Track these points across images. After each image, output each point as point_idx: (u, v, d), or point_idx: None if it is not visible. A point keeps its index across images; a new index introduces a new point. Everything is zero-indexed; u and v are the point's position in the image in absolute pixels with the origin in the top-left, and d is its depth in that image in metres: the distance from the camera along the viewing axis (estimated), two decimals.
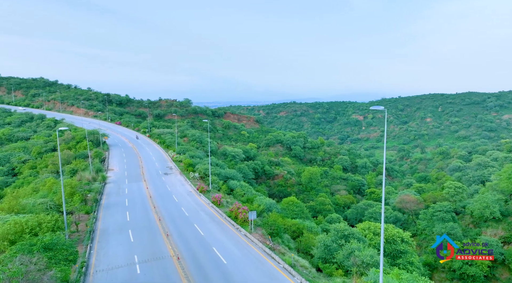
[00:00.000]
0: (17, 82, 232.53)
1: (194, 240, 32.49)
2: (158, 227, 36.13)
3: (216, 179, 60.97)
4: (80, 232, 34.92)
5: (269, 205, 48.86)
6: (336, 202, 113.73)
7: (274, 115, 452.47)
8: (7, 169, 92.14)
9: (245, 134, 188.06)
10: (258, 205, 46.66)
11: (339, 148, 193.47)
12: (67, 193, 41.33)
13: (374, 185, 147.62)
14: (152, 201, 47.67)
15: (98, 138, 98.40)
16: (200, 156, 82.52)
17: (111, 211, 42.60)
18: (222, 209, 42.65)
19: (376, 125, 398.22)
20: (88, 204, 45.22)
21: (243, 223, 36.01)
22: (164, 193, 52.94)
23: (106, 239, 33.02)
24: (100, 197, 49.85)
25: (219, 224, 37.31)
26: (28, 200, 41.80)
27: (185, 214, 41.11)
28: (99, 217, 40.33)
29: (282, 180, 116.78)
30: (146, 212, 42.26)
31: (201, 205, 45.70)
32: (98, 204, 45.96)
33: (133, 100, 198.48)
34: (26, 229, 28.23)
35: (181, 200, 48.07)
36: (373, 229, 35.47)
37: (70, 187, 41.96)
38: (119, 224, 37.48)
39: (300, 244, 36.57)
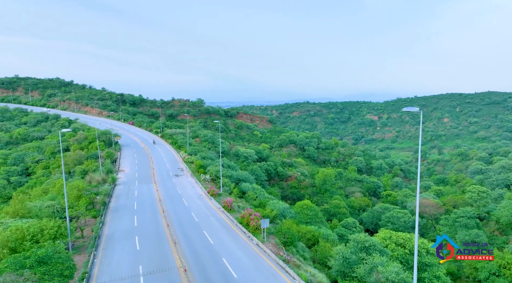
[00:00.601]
0: (34, 82, 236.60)
1: (203, 249, 30.59)
2: (166, 234, 34.40)
3: (227, 182, 59.11)
4: (85, 238, 33.49)
5: (282, 210, 46.63)
6: (351, 205, 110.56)
7: (287, 115, 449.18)
8: (21, 169, 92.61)
9: (258, 134, 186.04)
10: (271, 210, 44.52)
11: (353, 149, 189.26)
12: (74, 196, 40.09)
13: (390, 187, 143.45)
14: (162, 204, 46.10)
15: (110, 139, 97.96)
16: (212, 157, 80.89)
17: (119, 215, 41.17)
18: (233, 215, 40.66)
19: (391, 125, 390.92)
20: (96, 207, 43.95)
21: (255, 230, 33.95)
22: (174, 195, 51.36)
23: (112, 246, 31.47)
24: (108, 199, 48.57)
25: (230, 232, 35.33)
26: (35, 203, 40.74)
27: (194, 220, 39.31)
28: (106, 221, 38.92)
29: (296, 181, 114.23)
30: (154, 216, 40.65)
31: (211, 209, 43.85)
32: (106, 207, 44.63)
33: (147, 100, 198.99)
34: (27, 236, 26.83)
35: (191, 204, 46.34)
36: (394, 239, 32.88)
37: (78, 190, 40.71)
38: (126, 230, 35.94)
39: (316, 254, 34.29)
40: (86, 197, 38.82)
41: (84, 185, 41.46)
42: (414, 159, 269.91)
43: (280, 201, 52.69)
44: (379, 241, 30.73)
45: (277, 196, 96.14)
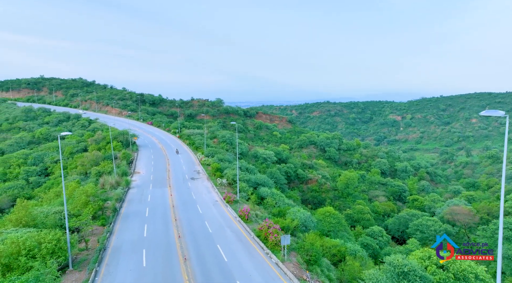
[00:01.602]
0: (58, 82, 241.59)
1: (216, 268, 27.29)
2: (176, 247, 31.35)
3: (245, 186, 55.76)
4: (89, 250, 30.89)
5: (304, 219, 42.81)
6: (374, 210, 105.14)
7: (307, 115, 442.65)
8: (40, 169, 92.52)
9: (277, 134, 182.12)
10: (291, 219, 40.82)
11: (376, 150, 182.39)
12: (81, 202, 37.73)
13: (416, 191, 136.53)
14: (175, 211, 43.25)
15: (127, 139, 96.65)
16: (230, 159, 77.83)
17: (129, 223, 38.55)
18: (250, 226, 37.24)
19: (415, 126, 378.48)
20: (106, 213, 41.56)
21: (274, 246, 30.41)
22: (188, 201, 48.48)
23: (117, 261, 28.68)
24: (120, 204, 46.20)
25: (246, 246, 31.89)
26: (42, 209, 38.64)
27: (208, 230, 36.14)
28: (115, 230, 36.34)
29: (316, 184, 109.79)
30: (166, 225, 37.76)
31: (227, 219, 40.57)
32: (117, 213, 42.18)
33: (166, 100, 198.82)
34: (23, 251, 24.35)
35: (206, 212, 43.25)
36: (435, 260, 28.61)
37: (86, 195, 38.31)
38: (134, 241, 33.17)
39: (343, 274, 30.40)
40: (92, 205, 36.34)
41: (92, 190, 39.01)
42: (440, 161, 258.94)
43: (301, 208, 48.81)
44: (418, 264, 26.52)
45: (297, 200, 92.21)
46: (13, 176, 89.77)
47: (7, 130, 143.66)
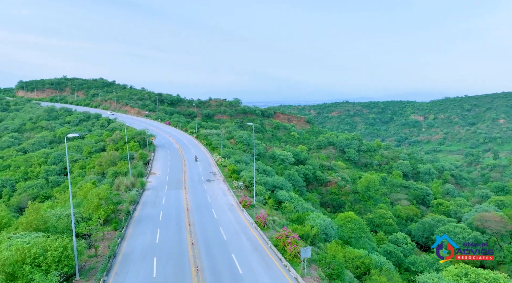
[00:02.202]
0: (79, 83, 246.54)
1: (230, 281, 25.36)
2: (189, 256, 29.64)
3: (262, 189, 53.74)
4: (99, 257, 29.61)
5: (324, 226, 40.43)
6: (397, 214, 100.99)
7: (325, 115, 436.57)
8: (59, 168, 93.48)
9: (295, 135, 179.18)
10: (310, 226, 38.51)
11: (398, 151, 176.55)
12: (94, 205, 36.64)
13: (441, 195, 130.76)
14: (189, 215, 41.68)
15: (145, 139, 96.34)
16: (247, 160, 75.99)
17: (141, 228, 37.21)
18: (268, 233, 35.16)
19: (438, 127, 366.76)
20: (119, 216, 40.44)
21: (293, 258, 28.25)
22: (203, 204, 46.88)
23: (126, 270, 27.22)
24: (134, 207, 45.05)
25: (263, 257, 29.83)
26: (55, 211, 37.83)
27: (223, 238, 34.31)
28: (127, 235, 35.05)
29: (336, 187, 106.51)
30: (179, 231, 36.20)
31: (243, 225, 38.63)
32: (130, 217, 40.98)
33: (184, 100, 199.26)
34: (28, 259, 23.18)
35: (221, 217, 41.47)
36: (473, 278, 25.68)
37: (98, 198, 37.20)
38: (146, 247, 31.72)
39: None
40: (104, 208, 35.14)
41: (105, 193, 37.87)
42: (465, 164, 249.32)
43: (320, 214, 46.39)
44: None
45: (316, 203, 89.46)
46: (34, 175, 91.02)
47: (31, 129, 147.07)
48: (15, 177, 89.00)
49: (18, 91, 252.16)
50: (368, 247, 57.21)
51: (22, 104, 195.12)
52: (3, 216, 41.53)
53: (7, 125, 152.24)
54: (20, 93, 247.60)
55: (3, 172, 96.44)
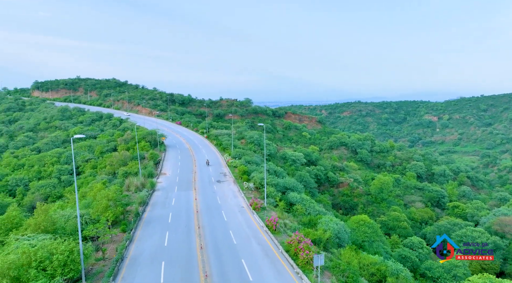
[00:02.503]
0: (92, 83, 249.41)
1: None
2: (198, 261, 28.82)
3: (273, 191, 52.69)
4: (106, 260, 29.03)
5: (337, 230, 39.14)
6: (411, 217, 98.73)
7: (337, 115, 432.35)
8: (71, 168, 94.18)
9: (307, 135, 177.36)
10: (323, 230, 37.30)
11: (412, 152, 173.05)
12: (102, 207, 36.19)
13: (456, 197, 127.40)
14: (198, 217, 40.93)
15: (155, 139, 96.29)
16: (257, 161, 75.01)
17: (150, 230, 36.62)
18: (279, 238, 34.10)
19: (453, 127, 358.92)
20: (128, 218, 39.92)
21: (306, 265, 27.11)
22: (213, 206, 46.10)
23: (133, 274, 26.55)
24: (143, 208, 44.57)
25: (274, 263, 28.78)
26: (64, 212, 37.54)
27: (233, 241, 33.39)
28: (135, 237, 34.46)
29: (348, 188, 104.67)
30: (188, 234, 35.45)
31: (253, 228, 37.65)
32: (139, 218, 40.46)
33: (195, 100, 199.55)
34: (34, 262, 22.67)
35: (231, 219, 40.59)
36: None
37: (107, 199, 36.72)
38: (154, 251, 31.05)
39: None
40: (113, 210, 34.59)
41: (113, 194, 37.37)
42: (481, 165, 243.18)
43: (333, 217, 45.12)
44: None
45: (328, 204, 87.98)
46: (47, 174, 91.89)
47: (45, 129, 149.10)
48: (28, 176, 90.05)
49: (33, 91, 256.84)
50: (382, 251, 55.60)
51: (37, 104, 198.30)
52: (15, 216, 41.40)
53: (22, 125, 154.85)
54: (35, 93, 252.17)
55: (17, 171, 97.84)
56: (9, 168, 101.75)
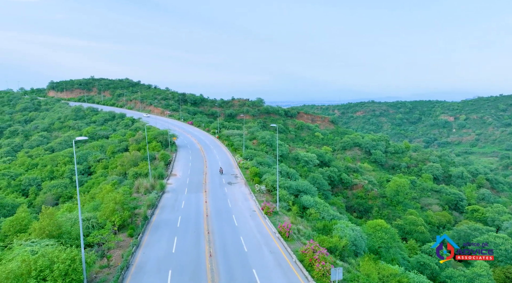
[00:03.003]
0: (106, 83, 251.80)
1: None
2: (206, 269, 27.30)
3: (285, 194, 50.91)
4: (111, 267, 27.77)
5: (354, 237, 37.14)
6: (428, 220, 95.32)
7: (350, 115, 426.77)
8: (83, 168, 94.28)
9: (319, 135, 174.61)
10: (339, 237, 35.39)
11: (428, 153, 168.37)
12: (109, 210, 35.07)
13: (475, 200, 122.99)
14: (208, 222, 39.49)
15: (166, 139, 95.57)
16: (269, 162, 73.26)
17: (158, 235, 35.34)
18: (292, 245, 32.33)
19: (470, 127, 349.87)
20: (137, 221, 38.77)
21: (322, 277, 25.26)
22: (223, 210, 44.62)
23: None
24: (152, 211, 43.40)
25: (287, 275, 27.00)
26: (71, 215, 36.61)
27: (243, 249, 31.78)
28: (142, 243, 33.21)
29: (362, 190, 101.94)
30: (197, 239, 34.03)
31: (265, 234, 35.95)
32: (148, 222, 39.27)
33: (207, 100, 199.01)
34: (33, 271, 21.51)
35: (242, 224, 38.99)
36: None
37: (114, 202, 35.57)
38: (161, 258, 29.70)
39: None
40: (119, 214, 33.35)
41: (121, 197, 36.19)
42: (500, 167, 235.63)
43: (348, 222, 43.08)
44: None
45: (341, 207, 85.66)
46: (59, 174, 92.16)
47: (59, 129, 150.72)
48: (41, 176, 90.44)
49: (49, 91, 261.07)
50: (399, 258, 53.24)
51: (52, 104, 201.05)
52: (23, 218, 40.79)
53: (37, 124, 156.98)
54: (51, 93, 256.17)
55: (31, 171, 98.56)
56: (23, 167, 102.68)
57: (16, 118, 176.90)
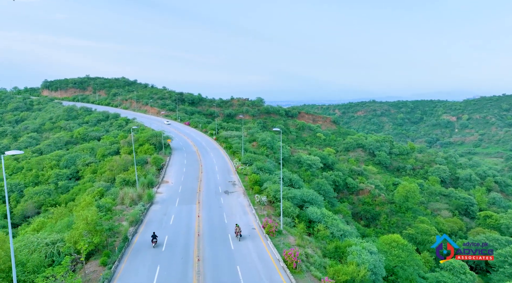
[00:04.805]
0: (101, 82, 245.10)
1: None
2: None
3: (289, 206, 44.75)
4: None
5: (373, 263, 31.05)
6: (439, 228, 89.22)
7: (351, 114, 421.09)
8: (71, 172, 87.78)
9: (321, 136, 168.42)
10: (355, 265, 29.32)
11: (434, 155, 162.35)
12: (79, 233, 28.81)
13: (486, 205, 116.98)
14: (199, 244, 33.34)
15: (160, 141, 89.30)
16: (270, 168, 67.01)
17: (138, 263, 29.18)
18: (301, 281, 26.19)
19: (473, 127, 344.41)
20: (115, 243, 32.59)
21: None
22: (218, 227, 38.46)
23: None
24: (135, 229, 37.21)
25: None
26: (34, 238, 30.38)
27: None
28: (116, 275, 27.02)
29: (369, 196, 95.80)
30: (184, 269, 27.89)
31: (267, 263, 29.72)
32: (128, 243, 33.13)
33: (205, 99, 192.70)
34: None
35: (239, 247, 32.82)
36: None
37: (86, 223, 29.32)
38: None
39: None
40: (86, 241, 26.97)
41: (94, 217, 29.93)
42: (506, 168, 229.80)
43: (363, 242, 36.96)
44: None
45: (348, 215, 79.57)
46: (44, 179, 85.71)
47: (50, 129, 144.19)
48: (24, 181, 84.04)
49: (43, 91, 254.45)
50: (416, 279, 47.21)
51: (45, 103, 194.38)
52: None
53: (27, 125, 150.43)
54: (45, 92, 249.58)
55: (15, 175, 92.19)
56: (7, 171, 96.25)
57: (7, 118, 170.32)
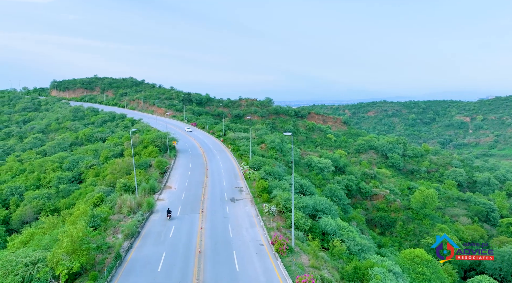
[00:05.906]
0: (109, 82, 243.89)
1: None
2: None
3: (301, 218, 40.57)
4: None
5: None
6: (459, 236, 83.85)
7: (361, 115, 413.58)
8: (73, 175, 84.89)
9: (332, 137, 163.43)
10: None
11: (449, 157, 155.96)
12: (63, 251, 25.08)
13: (508, 211, 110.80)
14: (200, 263, 29.45)
15: (165, 143, 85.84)
16: (280, 172, 62.77)
17: None
18: None
19: (488, 128, 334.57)
20: (106, 261, 28.92)
21: None
22: (222, 242, 34.52)
23: None
24: (131, 243, 33.49)
25: None
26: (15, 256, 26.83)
27: None
28: None
29: (384, 201, 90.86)
30: None
31: None
32: (120, 262, 29.41)
33: (213, 100, 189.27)
34: None
35: (245, 268, 28.81)
36: None
37: (71, 240, 25.64)
38: None
39: None
40: (64, 267, 23.03)
41: (78, 234, 26.15)
42: None
43: (387, 261, 32.65)
44: None
45: (362, 222, 74.97)
46: (46, 182, 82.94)
47: (56, 130, 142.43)
48: (25, 184, 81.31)
49: (51, 91, 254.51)
50: None
51: (52, 103, 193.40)
52: None
53: (34, 126, 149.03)
54: (53, 92, 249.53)
55: (17, 177, 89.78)
56: (10, 173, 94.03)
57: (15, 119, 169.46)
